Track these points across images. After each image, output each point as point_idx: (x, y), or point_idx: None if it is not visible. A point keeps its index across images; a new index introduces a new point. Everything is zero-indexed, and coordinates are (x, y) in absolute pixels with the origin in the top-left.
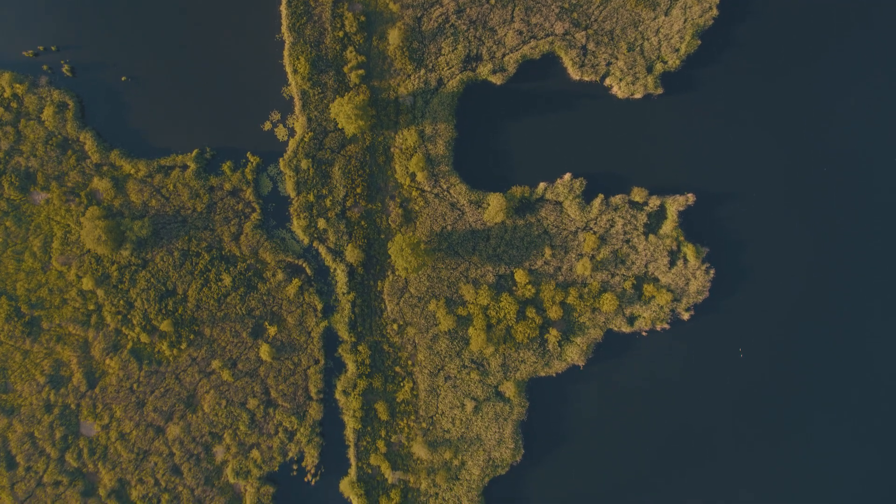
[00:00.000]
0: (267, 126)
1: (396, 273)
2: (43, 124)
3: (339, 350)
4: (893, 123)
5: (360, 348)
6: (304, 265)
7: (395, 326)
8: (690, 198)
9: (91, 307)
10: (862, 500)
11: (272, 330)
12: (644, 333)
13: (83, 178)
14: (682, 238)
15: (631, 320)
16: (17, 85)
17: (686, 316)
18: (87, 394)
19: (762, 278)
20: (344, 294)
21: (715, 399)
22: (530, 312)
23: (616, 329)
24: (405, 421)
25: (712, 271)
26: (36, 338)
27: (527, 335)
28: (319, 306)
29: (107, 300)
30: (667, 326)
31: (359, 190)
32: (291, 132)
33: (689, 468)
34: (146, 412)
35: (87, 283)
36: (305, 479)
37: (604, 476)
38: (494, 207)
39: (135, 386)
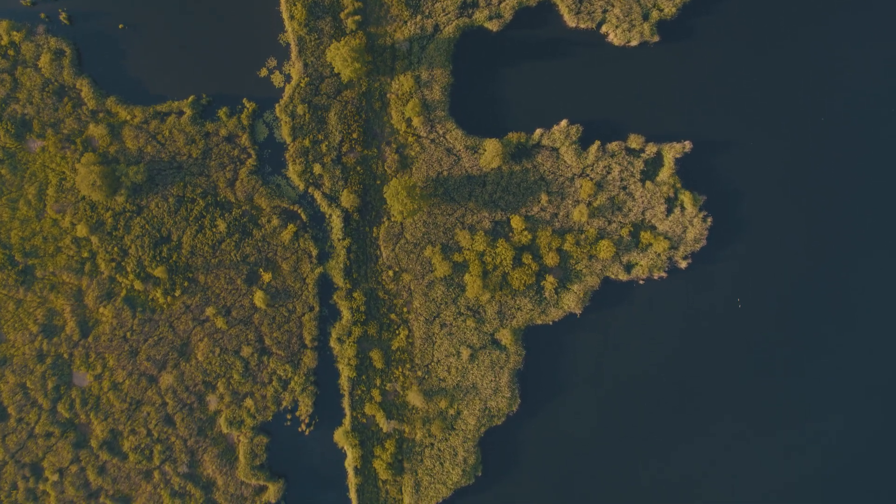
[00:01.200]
0: (263, 72)
1: (392, 219)
2: (39, 72)
3: (334, 297)
4: None
5: (355, 295)
6: (299, 211)
7: (390, 273)
8: (687, 145)
9: (85, 255)
10: (860, 439)
11: (267, 276)
12: (641, 282)
13: (79, 125)
14: (678, 185)
15: (628, 268)
16: (15, 33)
17: (683, 264)
18: (80, 343)
19: (760, 227)
20: (339, 240)
21: (713, 348)
22: (527, 259)
23: (613, 277)
24: (400, 369)
25: (710, 219)
26: (29, 286)
27: (523, 282)
28: (314, 252)
29: (101, 247)
30: (664, 275)
31: (355, 136)
32: (288, 78)
33: (687, 418)
34: (139, 361)
35: (81, 231)
36: (299, 430)
37: (601, 427)
38: (490, 153)
39: (128, 334)
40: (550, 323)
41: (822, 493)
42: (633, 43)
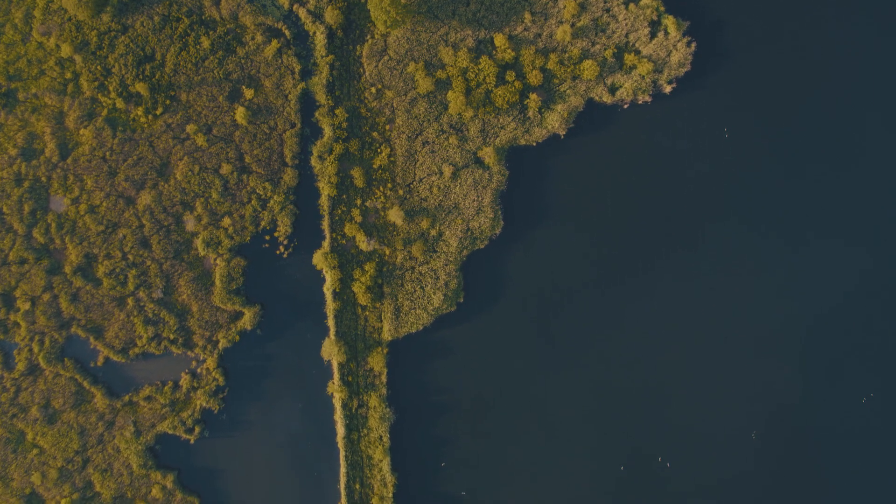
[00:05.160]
0: None
1: (376, 36)
2: None
3: (316, 114)
4: None
5: (337, 112)
6: (283, 29)
7: (373, 90)
8: None
9: (68, 76)
10: (853, 273)
11: (249, 93)
12: (625, 106)
13: None
14: (662, 9)
15: (612, 90)
16: None
17: (668, 89)
18: (59, 165)
19: (745, 55)
20: (322, 57)
21: (699, 177)
22: (510, 77)
23: (598, 99)
24: (382, 189)
25: (693, 44)
26: (11, 109)
27: (506, 100)
28: (297, 69)
29: (84, 67)
30: (648, 99)
31: None
32: None
33: (671, 248)
34: (117, 182)
35: (65, 51)
36: (277, 252)
37: (585, 253)
38: None
39: (107, 154)
40: (534, 144)
41: (812, 329)
42: None
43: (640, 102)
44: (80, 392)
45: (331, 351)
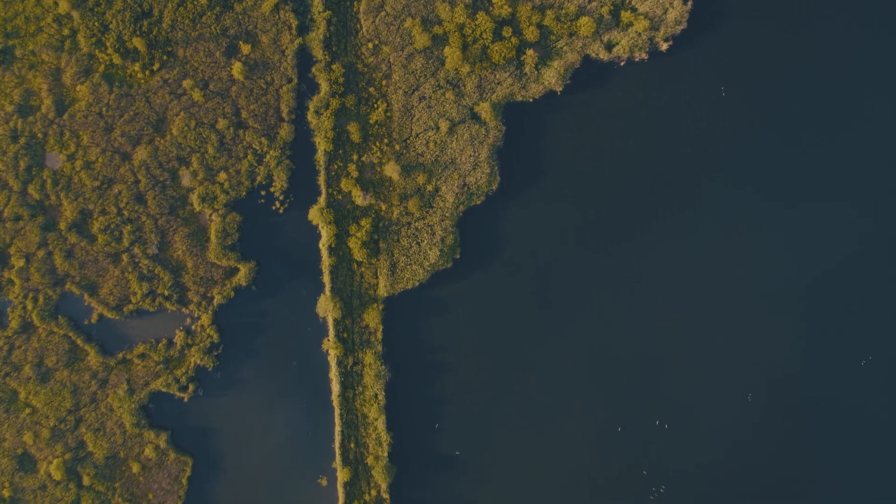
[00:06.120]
0: None
1: None
2: None
3: (313, 70)
4: None
5: (334, 67)
6: None
7: (370, 46)
8: None
9: (66, 32)
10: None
11: (246, 48)
12: (622, 63)
13: None
14: None
15: (609, 47)
16: None
17: (664, 46)
18: (56, 121)
19: (741, 13)
20: (320, 13)
21: (696, 136)
22: (507, 33)
23: (594, 56)
24: (378, 144)
25: (690, 2)
26: (8, 67)
27: (503, 55)
28: (294, 24)
29: (82, 24)
30: (645, 57)
31: None
32: None
33: (668, 208)
34: (113, 137)
35: (63, 7)
36: (273, 208)
37: (581, 213)
38: None
39: (104, 110)
40: (531, 100)
41: (810, 291)
42: None
43: (636, 60)
44: (73, 350)
45: (326, 307)
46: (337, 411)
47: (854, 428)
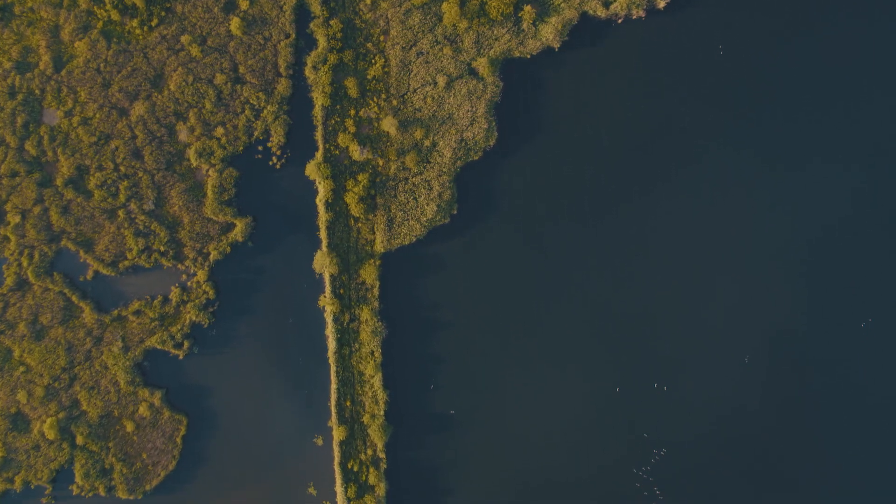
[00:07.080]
0: None
1: None
2: None
3: (311, 25)
4: None
5: (331, 23)
6: None
7: (367, 1)
8: None
9: None
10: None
11: (244, 4)
12: (619, 20)
13: None
14: None
15: (606, 3)
16: None
17: (662, 4)
18: (53, 78)
19: None
20: None
21: (694, 94)
22: None
23: (592, 13)
24: (375, 99)
25: None
26: (7, 23)
27: (501, 11)
28: None
29: None
30: (643, 14)
31: None
32: None
33: (666, 167)
34: (111, 93)
35: None
36: (270, 163)
37: (578, 170)
38: None
39: (102, 66)
40: (529, 56)
41: (811, 252)
42: None
43: (634, 17)
44: (68, 307)
45: (323, 263)
46: (333, 368)
47: (853, 390)
